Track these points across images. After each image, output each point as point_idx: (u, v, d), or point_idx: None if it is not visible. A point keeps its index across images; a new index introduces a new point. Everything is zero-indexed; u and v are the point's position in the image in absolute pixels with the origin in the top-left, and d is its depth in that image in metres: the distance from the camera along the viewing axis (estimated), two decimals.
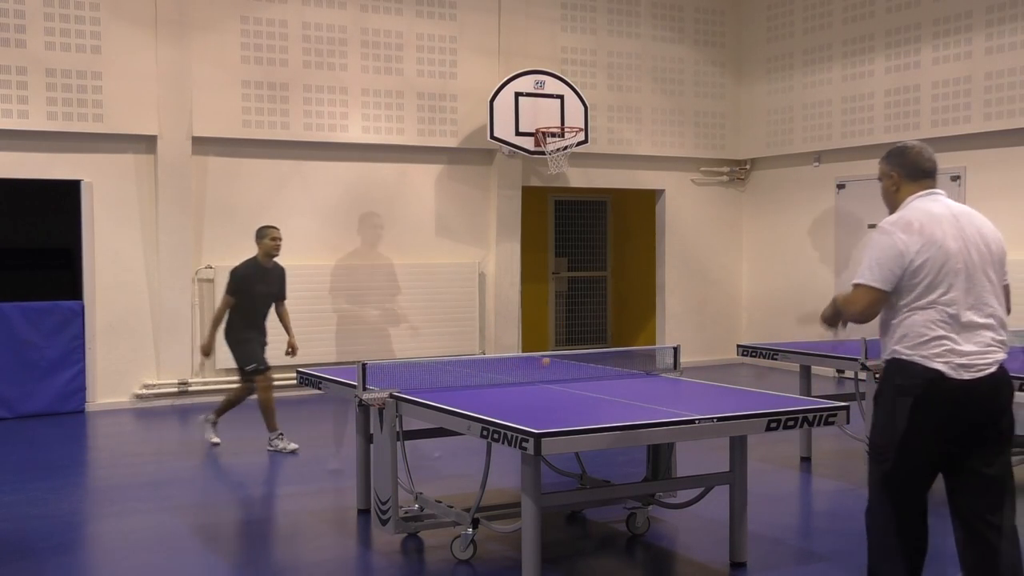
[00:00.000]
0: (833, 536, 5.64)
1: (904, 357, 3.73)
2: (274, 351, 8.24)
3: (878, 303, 3.78)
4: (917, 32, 10.81)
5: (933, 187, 3.96)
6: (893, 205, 4.01)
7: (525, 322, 12.65)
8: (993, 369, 3.71)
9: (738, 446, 5.02)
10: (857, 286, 3.80)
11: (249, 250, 10.43)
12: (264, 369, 7.88)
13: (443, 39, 11.25)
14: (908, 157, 3.96)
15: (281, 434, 7.91)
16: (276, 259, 8.04)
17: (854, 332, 4.78)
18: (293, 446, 7.84)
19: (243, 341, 7.93)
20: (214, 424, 8.16)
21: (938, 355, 3.67)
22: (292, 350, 8.12)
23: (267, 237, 7.95)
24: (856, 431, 7.00)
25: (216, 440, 8.08)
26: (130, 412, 9.74)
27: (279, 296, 8.13)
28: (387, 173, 11.13)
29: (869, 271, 3.76)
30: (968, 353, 3.68)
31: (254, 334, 7.94)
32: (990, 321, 3.77)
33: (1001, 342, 3.79)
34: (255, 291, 7.91)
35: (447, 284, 11.29)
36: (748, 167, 13.18)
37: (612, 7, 12.24)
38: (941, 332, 3.69)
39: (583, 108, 11.34)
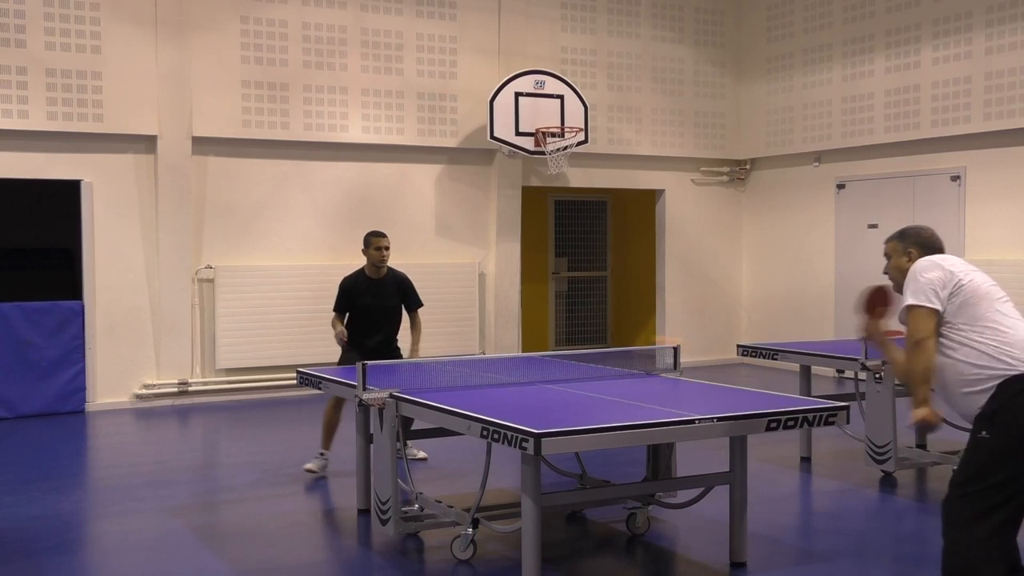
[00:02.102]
0: (833, 536, 5.64)
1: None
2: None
3: (933, 321, 3.88)
4: (917, 32, 10.81)
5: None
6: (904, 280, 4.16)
7: (525, 322, 12.65)
8: None
9: (738, 446, 5.02)
10: (907, 308, 3.90)
11: (248, 249, 10.49)
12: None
13: (443, 39, 11.25)
14: (923, 236, 4.23)
15: (320, 454, 7.10)
16: (390, 267, 7.20)
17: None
18: (311, 466, 7.05)
19: (344, 352, 7.15)
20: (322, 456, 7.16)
21: None
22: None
23: (371, 246, 7.06)
24: (856, 431, 7.00)
25: (311, 468, 7.07)
26: (130, 412, 9.74)
27: (407, 306, 7.22)
28: (387, 173, 11.13)
29: (915, 296, 3.90)
30: None
31: (355, 355, 6.81)
32: None
33: None
34: (360, 304, 7.08)
35: (447, 284, 11.29)
36: (748, 167, 13.18)
37: (612, 7, 12.24)
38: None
39: (583, 108, 11.35)
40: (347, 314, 7.16)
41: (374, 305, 7.09)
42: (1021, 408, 3.71)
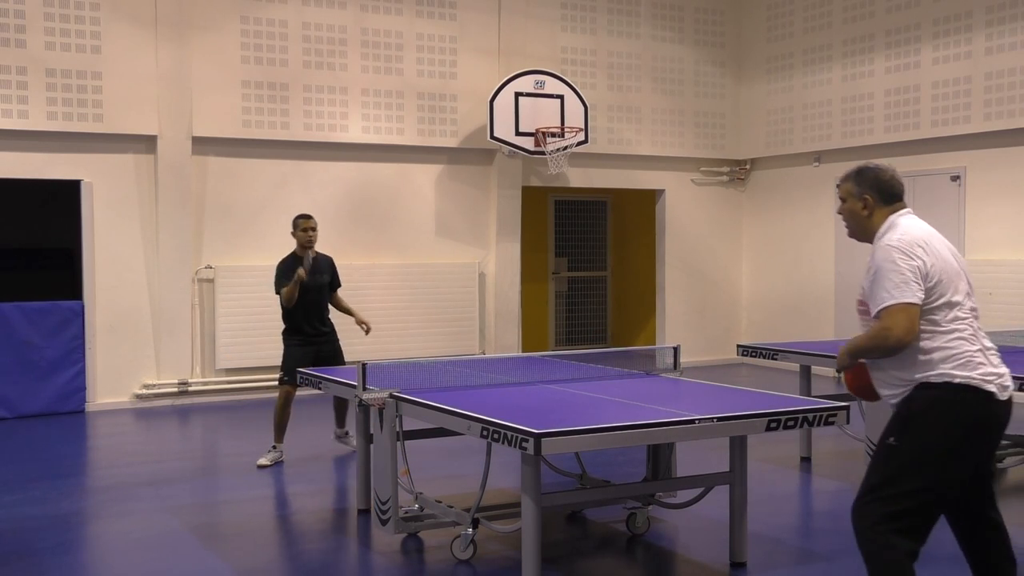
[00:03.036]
0: (833, 536, 5.63)
1: (958, 380, 3.56)
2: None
3: (917, 319, 3.57)
4: (917, 32, 10.81)
5: (905, 208, 3.83)
6: (862, 228, 3.89)
7: (525, 322, 12.65)
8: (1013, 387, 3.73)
9: (738, 446, 5.02)
10: (887, 308, 3.56)
11: (248, 249, 10.49)
12: (286, 382, 7.45)
13: (443, 39, 11.25)
14: (882, 180, 3.82)
15: (274, 447, 7.53)
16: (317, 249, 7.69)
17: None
18: (264, 460, 7.41)
19: (286, 346, 7.58)
20: (275, 447, 7.58)
21: (984, 375, 3.58)
22: (366, 327, 7.71)
23: (298, 228, 7.57)
24: (856, 431, 7.00)
25: (264, 463, 7.41)
26: (130, 412, 9.74)
27: (333, 287, 7.76)
28: (387, 173, 11.13)
29: (897, 289, 3.56)
30: (1002, 373, 3.66)
31: (297, 339, 7.52)
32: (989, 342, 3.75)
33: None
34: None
35: (447, 284, 11.29)
36: (748, 167, 13.18)
37: (612, 7, 12.24)
38: (978, 351, 3.63)
39: (583, 108, 11.35)
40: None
41: (309, 283, 7.48)
42: (934, 419, 3.56)
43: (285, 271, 7.53)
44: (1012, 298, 9.90)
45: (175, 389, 10.08)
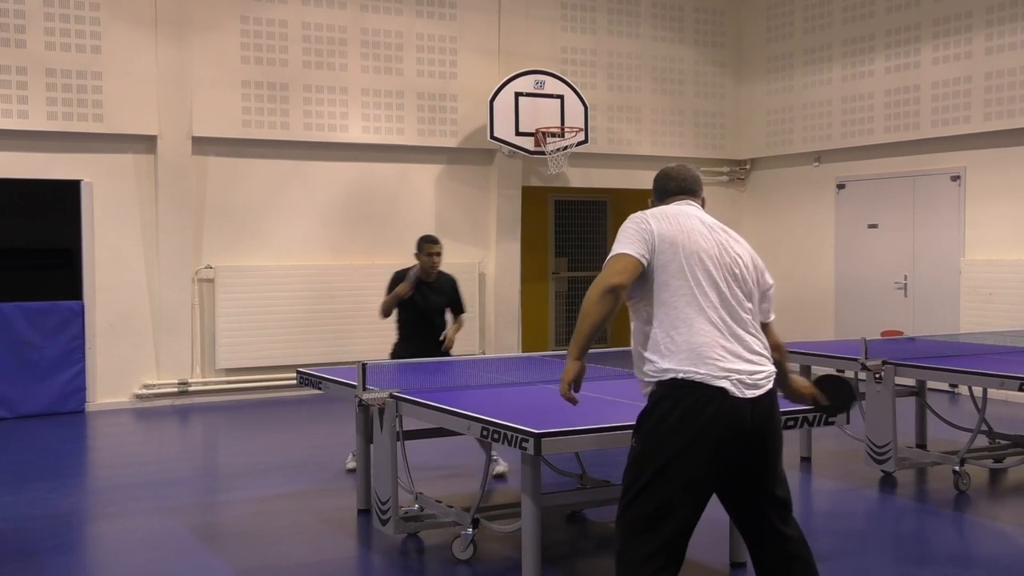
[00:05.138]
0: (833, 536, 5.63)
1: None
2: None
3: (632, 269, 3.52)
4: (917, 32, 10.82)
5: (677, 199, 3.91)
6: None
7: (525, 322, 12.64)
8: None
9: None
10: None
11: (248, 249, 10.49)
12: None
13: (443, 39, 11.25)
14: (659, 181, 3.95)
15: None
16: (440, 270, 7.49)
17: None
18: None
19: (392, 356, 7.27)
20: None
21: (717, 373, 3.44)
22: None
23: (423, 252, 7.38)
24: (856, 431, 7.00)
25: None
26: (130, 412, 9.74)
27: (455, 310, 7.57)
28: (387, 173, 11.13)
29: (617, 246, 3.59)
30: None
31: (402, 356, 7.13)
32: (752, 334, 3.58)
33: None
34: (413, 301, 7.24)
35: None
36: (748, 167, 13.18)
37: (612, 7, 12.24)
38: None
39: (583, 108, 11.35)
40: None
41: (421, 304, 7.34)
42: (668, 421, 3.48)
43: (395, 281, 7.33)
44: (1012, 298, 9.90)
45: (175, 389, 10.08)
